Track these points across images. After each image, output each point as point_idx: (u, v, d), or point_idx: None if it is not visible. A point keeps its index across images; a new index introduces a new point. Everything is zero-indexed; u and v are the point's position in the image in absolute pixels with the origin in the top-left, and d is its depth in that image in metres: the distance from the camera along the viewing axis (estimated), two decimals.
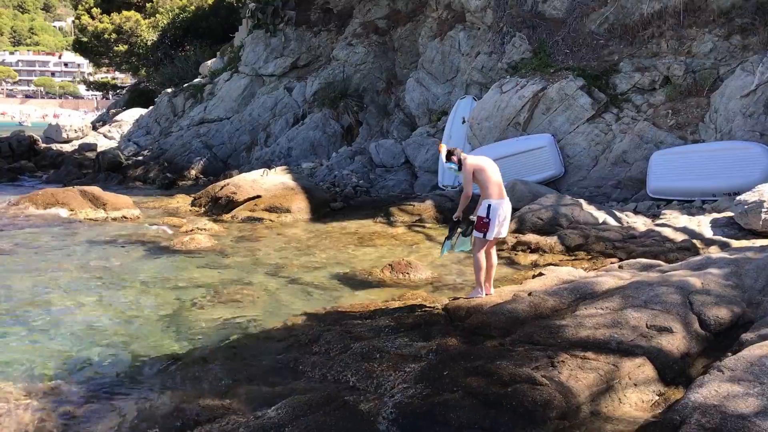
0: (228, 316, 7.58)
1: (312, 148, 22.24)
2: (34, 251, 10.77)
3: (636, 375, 4.88)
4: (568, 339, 5.31)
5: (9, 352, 6.34)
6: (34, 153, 26.44)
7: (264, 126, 24.40)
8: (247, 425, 4.31)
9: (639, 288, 6.15)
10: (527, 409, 4.34)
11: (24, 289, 8.55)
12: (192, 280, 9.20)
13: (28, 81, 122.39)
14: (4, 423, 4.87)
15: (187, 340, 6.78)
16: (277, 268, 9.99)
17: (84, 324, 7.23)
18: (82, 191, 15.13)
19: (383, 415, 4.53)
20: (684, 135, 14.00)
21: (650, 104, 14.99)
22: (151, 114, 31.09)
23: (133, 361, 6.21)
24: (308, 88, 24.37)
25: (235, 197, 15.46)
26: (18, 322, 7.23)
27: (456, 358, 5.31)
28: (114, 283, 9.05)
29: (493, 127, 16.18)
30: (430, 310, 7.09)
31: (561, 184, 15.13)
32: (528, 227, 11.97)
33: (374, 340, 6.22)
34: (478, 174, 7.14)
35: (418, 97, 20.63)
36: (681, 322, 5.47)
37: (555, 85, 15.59)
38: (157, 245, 11.37)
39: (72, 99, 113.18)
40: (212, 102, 26.99)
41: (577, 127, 15.27)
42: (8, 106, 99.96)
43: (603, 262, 9.78)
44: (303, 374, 5.68)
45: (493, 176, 7.15)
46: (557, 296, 6.49)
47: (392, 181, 18.31)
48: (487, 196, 7.09)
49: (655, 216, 12.29)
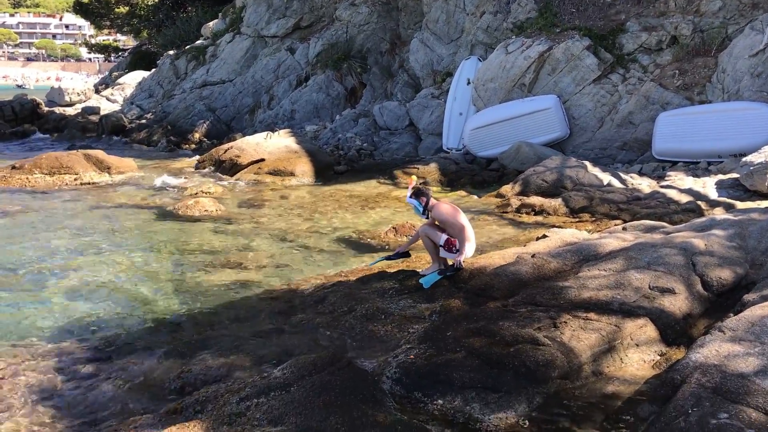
0: (233, 279, 7.63)
1: (315, 111, 22.12)
2: (39, 215, 10.81)
3: (638, 335, 4.92)
4: (571, 300, 5.34)
5: (15, 314, 6.42)
6: (37, 116, 26.35)
7: (267, 88, 24.23)
8: (253, 385, 4.37)
9: (642, 249, 6.16)
10: (529, 368, 4.39)
11: (30, 253, 8.61)
12: (197, 243, 9.25)
13: (29, 44, 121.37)
14: (11, 382, 4.95)
15: (193, 303, 6.85)
16: (282, 231, 10.03)
17: (90, 287, 7.30)
18: (86, 155, 15.13)
19: (387, 374, 4.59)
20: (691, 96, 13.87)
21: (657, 64, 14.82)
22: (154, 77, 30.87)
23: (138, 323, 6.28)
24: (311, 50, 24.11)
25: (239, 160, 15.45)
26: (24, 285, 7.30)
27: (459, 319, 5.35)
28: (119, 247, 9.10)
29: (498, 88, 16.05)
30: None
31: (566, 146, 15.07)
32: (532, 189, 11.95)
33: (378, 301, 6.27)
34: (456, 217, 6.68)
35: (422, 58, 20.42)
36: (684, 284, 5.49)
37: (561, 45, 15.41)
38: (162, 209, 11.40)
39: (74, 62, 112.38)
40: (215, 64, 26.75)
41: (582, 88, 15.14)
42: (10, 69, 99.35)
43: (607, 224, 9.79)
44: (308, 335, 5.74)
45: (466, 221, 6.74)
46: (560, 258, 6.51)
47: (396, 144, 18.24)
48: (462, 240, 6.63)
49: (660, 178, 12.26)
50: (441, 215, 6.67)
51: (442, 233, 6.75)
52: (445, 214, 6.65)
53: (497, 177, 14.33)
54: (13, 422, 4.38)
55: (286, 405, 4.02)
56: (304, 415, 3.88)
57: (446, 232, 6.72)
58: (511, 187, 12.28)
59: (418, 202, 6.80)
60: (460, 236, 6.60)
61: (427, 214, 6.80)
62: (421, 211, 6.82)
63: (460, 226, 6.59)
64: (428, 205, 6.76)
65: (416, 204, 6.81)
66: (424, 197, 6.79)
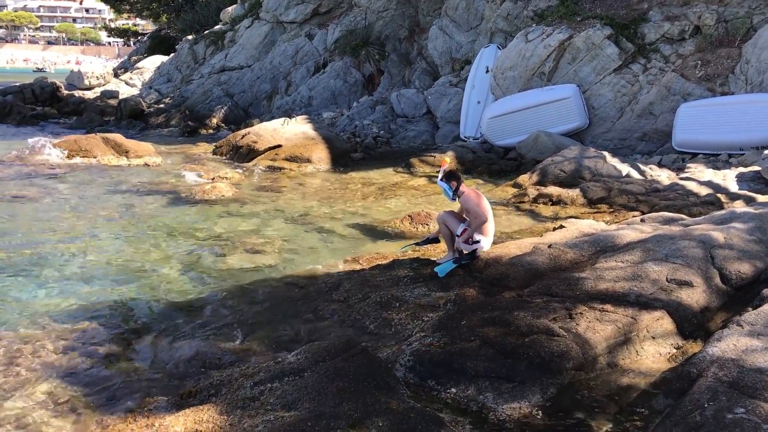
0: (248, 263, 7.66)
1: (333, 98, 22.09)
2: (57, 198, 10.91)
3: (654, 328, 4.88)
4: (587, 291, 5.30)
5: (34, 294, 6.49)
6: (56, 99, 26.55)
7: (285, 74, 24.22)
8: (267, 369, 4.39)
9: (660, 241, 6.10)
10: (544, 359, 4.37)
11: (48, 234, 8.69)
12: (213, 228, 9.29)
13: (49, 27, 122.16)
14: (30, 360, 5.01)
15: (208, 287, 6.89)
16: (298, 217, 10.04)
17: (107, 270, 7.36)
18: (104, 138, 15.23)
19: (401, 362, 4.59)
20: (713, 87, 13.68)
21: (679, 55, 14.62)
22: (172, 61, 30.98)
23: (154, 306, 6.32)
24: (329, 36, 24.06)
25: (256, 146, 15.47)
26: (42, 267, 7.38)
27: (474, 308, 5.33)
28: (136, 230, 9.17)
29: (517, 76, 15.92)
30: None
31: (585, 136, 14.94)
32: (550, 179, 11.87)
33: (393, 289, 6.27)
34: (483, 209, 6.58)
35: (441, 45, 20.29)
36: (702, 277, 5.44)
37: (582, 33, 15.25)
38: (179, 193, 11.45)
39: (93, 46, 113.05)
40: (233, 49, 26.78)
41: (603, 77, 14.98)
42: (31, 52, 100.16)
43: (625, 215, 9.70)
44: (322, 320, 5.75)
45: (491, 215, 6.65)
46: (577, 249, 6.46)
47: (413, 132, 18.18)
48: (482, 233, 6.59)
49: (680, 169, 12.12)
50: (468, 204, 6.56)
51: (461, 222, 6.71)
52: (473, 204, 6.54)
53: (515, 166, 14.25)
54: (31, 399, 4.44)
55: (300, 390, 4.03)
56: (317, 400, 3.89)
57: (466, 222, 6.66)
58: (529, 177, 12.20)
59: (449, 186, 6.69)
60: (479, 230, 6.55)
61: (455, 198, 6.70)
62: (450, 196, 6.71)
63: (483, 220, 6.51)
64: (458, 190, 6.67)
65: (446, 187, 6.70)
66: (455, 181, 6.66)
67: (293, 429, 3.56)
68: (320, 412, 3.76)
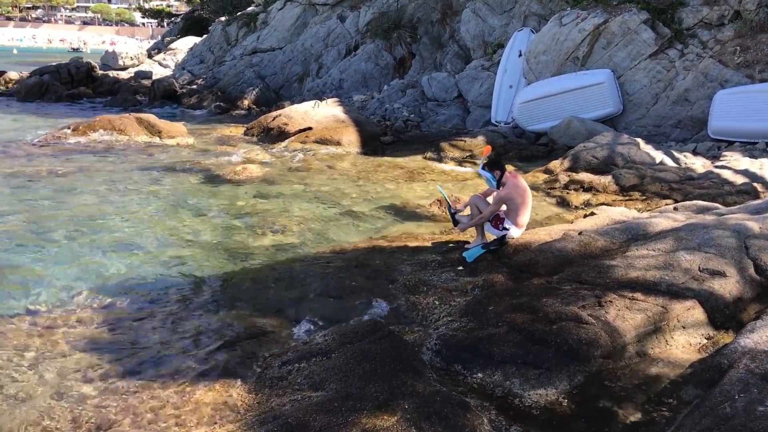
0: (277, 242, 7.73)
1: (363, 81, 22.04)
2: (92, 176, 11.09)
3: (685, 318, 4.83)
4: (617, 279, 5.26)
5: (68, 271, 6.62)
6: (91, 79, 26.88)
7: (316, 56, 24.22)
8: (296, 349, 4.45)
9: (693, 230, 6.01)
10: (572, 346, 4.35)
11: (81, 210, 8.86)
12: (243, 207, 9.38)
13: (85, 8, 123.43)
14: (63, 331, 5.14)
15: (238, 264, 6.97)
16: (327, 199, 10.09)
17: (140, 246, 7.48)
18: (138, 118, 15.40)
19: (427, 345, 4.61)
20: (751, 74, 13.35)
21: (717, 40, 14.29)
22: (205, 42, 31.16)
23: (185, 282, 6.42)
24: (361, 18, 23.95)
25: (287, 128, 15.53)
26: (77, 244, 7.52)
27: (502, 294, 5.33)
28: (169, 208, 9.29)
29: (550, 61, 15.71)
30: None
31: (618, 123, 14.72)
32: (582, 166, 11.73)
33: (421, 273, 6.28)
34: (515, 200, 6.52)
35: (473, 28, 20.08)
36: (735, 267, 5.35)
37: (617, 18, 14.97)
38: (210, 173, 11.56)
39: (128, 26, 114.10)
40: (265, 31, 26.83)
41: (638, 63, 14.72)
42: (67, 32, 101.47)
43: (657, 203, 9.57)
44: (350, 302, 5.79)
45: (527, 205, 6.57)
46: (608, 236, 6.40)
47: (444, 116, 18.08)
48: (513, 222, 6.54)
49: (715, 158, 11.90)
50: (507, 195, 6.49)
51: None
52: (514, 194, 6.48)
53: (546, 152, 14.11)
54: (66, 369, 4.55)
55: (327, 371, 4.07)
56: (344, 381, 3.93)
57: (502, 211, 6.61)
58: (560, 163, 12.07)
59: (492, 175, 6.64)
60: (513, 219, 6.51)
61: (500, 186, 6.64)
62: (494, 185, 6.66)
63: (520, 211, 6.48)
64: (502, 179, 6.61)
65: (489, 176, 6.66)
66: (498, 170, 6.60)
67: (320, 409, 3.60)
68: (347, 393, 3.80)
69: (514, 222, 6.55)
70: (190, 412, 3.92)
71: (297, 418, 3.52)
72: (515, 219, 6.55)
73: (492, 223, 6.65)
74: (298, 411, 3.60)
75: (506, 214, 6.58)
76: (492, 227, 6.66)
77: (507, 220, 6.56)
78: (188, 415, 3.90)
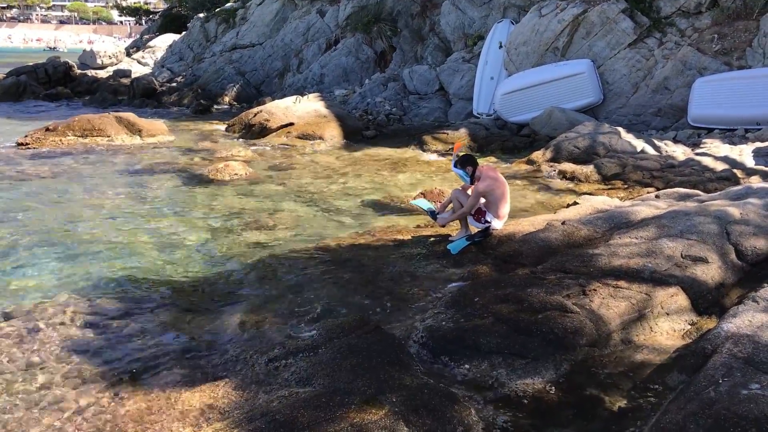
0: (262, 240, 7.69)
1: (344, 75, 21.98)
2: (72, 178, 10.98)
3: (669, 304, 4.86)
4: (601, 268, 5.29)
5: (47, 273, 6.55)
6: (70, 79, 26.59)
7: (296, 52, 24.11)
8: (282, 346, 4.43)
9: (675, 218, 6.06)
10: (557, 335, 4.37)
11: (63, 214, 8.76)
12: (226, 207, 9.32)
13: (61, 6, 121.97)
14: (46, 335, 5.08)
15: (222, 264, 6.92)
16: (310, 195, 10.06)
17: (121, 248, 7.41)
18: (117, 117, 15.26)
19: (414, 338, 4.61)
20: (729, 61, 13.48)
21: (695, 28, 14.40)
22: (184, 40, 30.92)
23: (169, 283, 6.37)
24: (341, 12, 23.87)
25: (269, 124, 15.47)
26: (57, 245, 7.44)
27: (487, 285, 5.34)
28: (150, 209, 9.21)
29: (530, 52, 15.76)
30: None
31: (599, 112, 14.81)
32: (564, 156, 11.80)
33: (406, 266, 6.28)
34: (494, 192, 6.56)
35: (453, 21, 20.09)
36: (717, 253, 5.40)
37: (596, 7, 15.04)
38: (192, 172, 11.49)
39: (105, 25, 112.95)
40: (244, 27, 26.67)
41: (617, 52, 14.80)
42: (44, 32, 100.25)
43: (639, 191, 9.64)
44: (336, 297, 5.78)
45: (506, 197, 6.64)
46: (591, 225, 6.43)
47: (426, 109, 18.08)
48: (494, 214, 6.61)
49: (695, 145, 12.00)
50: (487, 187, 6.55)
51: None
52: (491, 188, 6.54)
53: (528, 143, 14.16)
54: (45, 370, 4.50)
55: (314, 366, 4.06)
56: (331, 376, 3.92)
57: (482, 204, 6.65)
58: (543, 153, 12.12)
59: (464, 172, 6.72)
60: (494, 211, 6.55)
61: (473, 181, 6.70)
62: (468, 181, 6.74)
63: (500, 204, 6.54)
64: (475, 174, 6.67)
65: (462, 174, 6.74)
66: (470, 166, 6.69)
67: (308, 405, 3.59)
68: (335, 388, 3.79)
69: (495, 214, 6.59)
70: (178, 414, 3.89)
71: (285, 414, 3.51)
72: (496, 211, 6.59)
73: (474, 217, 6.69)
74: (286, 407, 3.58)
75: (486, 206, 6.62)
76: (474, 221, 6.70)
77: (488, 213, 6.59)
78: (175, 417, 3.86)
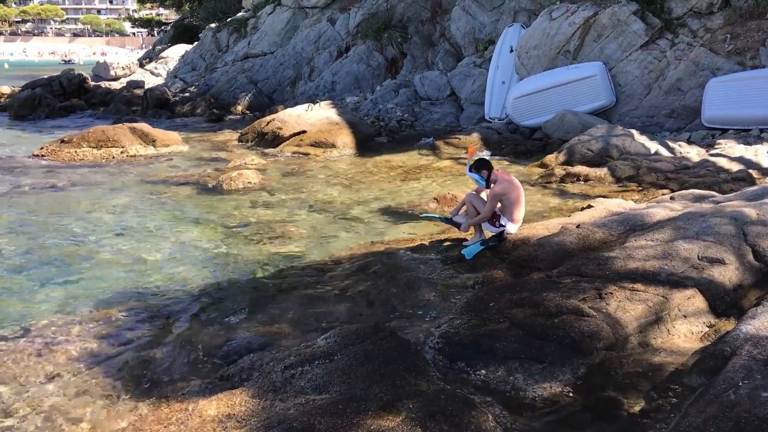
0: (276, 249, 7.72)
1: (356, 82, 22.03)
2: (87, 189, 11.07)
3: (686, 307, 4.83)
4: (617, 271, 5.26)
5: (63, 284, 6.60)
6: (84, 91, 26.80)
7: (308, 60, 24.20)
8: (298, 353, 4.43)
9: (691, 219, 6.01)
10: (574, 339, 4.35)
11: (78, 225, 8.83)
12: (240, 216, 9.36)
13: (75, 19, 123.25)
14: (64, 347, 5.11)
15: (237, 273, 6.95)
16: (324, 202, 10.08)
17: (136, 259, 7.46)
18: (132, 128, 15.37)
19: (430, 344, 4.60)
20: (743, 61, 13.39)
21: (707, 29, 14.32)
22: (196, 50, 31.14)
23: (184, 293, 6.41)
24: (351, 20, 23.95)
25: (281, 132, 15.52)
26: (72, 256, 7.50)
27: (502, 289, 5.32)
28: (165, 219, 9.27)
29: (541, 55, 15.73)
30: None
31: (612, 114, 14.74)
32: (577, 159, 11.75)
33: (420, 271, 6.28)
34: (509, 196, 6.55)
35: (464, 26, 20.10)
36: (734, 254, 5.35)
37: (607, 10, 14.99)
38: (206, 181, 11.54)
39: (118, 36, 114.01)
40: (256, 36, 26.81)
41: (629, 54, 14.74)
42: (58, 45, 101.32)
43: (654, 193, 9.58)
44: (351, 304, 5.78)
45: (521, 200, 6.62)
46: (606, 228, 6.40)
47: (437, 114, 18.08)
48: (509, 218, 6.60)
49: (710, 146, 11.92)
50: (503, 190, 6.53)
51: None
52: (507, 190, 6.52)
53: (541, 146, 14.12)
54: (65, 386, 4.53)
55: (330, 373, 4.06)
56: (347, 383, 3.92)
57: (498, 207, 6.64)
58: (556, 157, 12.09)
59: (480, 176, 6.69)
60: (508, 215, 6.54)
61: (489, 185, 6.69)
62: (484, 185, 6.71)
63: (515, 207, 6.52)
64: (490, 177, 6.65)
65: (477, 177, 6.71)
66: (485, 170, 6.66)
67: (324, 412, 3.59)
68: (351, 394, 3.79)
69: (510, 218, 6.57)
70: (196, 423, 3.90)
71: (302, 421, 3.51)
72: (511, 215, 6.57)
73: (489, 221, 6.66)
74: (303, 414, 3.59)
75: (501, 210, 6.60)
76: (489, 224, 6.68)
77: (503, 217, 6.57)
78: (193, 427, 3.87)
